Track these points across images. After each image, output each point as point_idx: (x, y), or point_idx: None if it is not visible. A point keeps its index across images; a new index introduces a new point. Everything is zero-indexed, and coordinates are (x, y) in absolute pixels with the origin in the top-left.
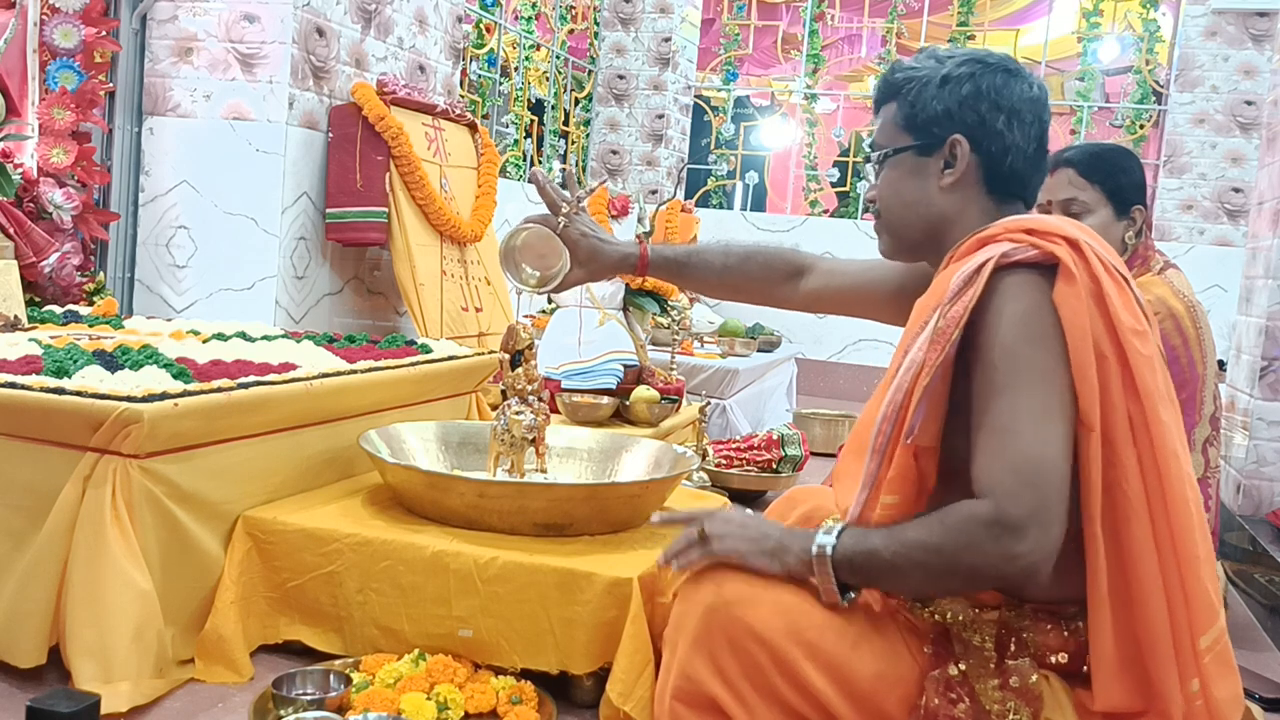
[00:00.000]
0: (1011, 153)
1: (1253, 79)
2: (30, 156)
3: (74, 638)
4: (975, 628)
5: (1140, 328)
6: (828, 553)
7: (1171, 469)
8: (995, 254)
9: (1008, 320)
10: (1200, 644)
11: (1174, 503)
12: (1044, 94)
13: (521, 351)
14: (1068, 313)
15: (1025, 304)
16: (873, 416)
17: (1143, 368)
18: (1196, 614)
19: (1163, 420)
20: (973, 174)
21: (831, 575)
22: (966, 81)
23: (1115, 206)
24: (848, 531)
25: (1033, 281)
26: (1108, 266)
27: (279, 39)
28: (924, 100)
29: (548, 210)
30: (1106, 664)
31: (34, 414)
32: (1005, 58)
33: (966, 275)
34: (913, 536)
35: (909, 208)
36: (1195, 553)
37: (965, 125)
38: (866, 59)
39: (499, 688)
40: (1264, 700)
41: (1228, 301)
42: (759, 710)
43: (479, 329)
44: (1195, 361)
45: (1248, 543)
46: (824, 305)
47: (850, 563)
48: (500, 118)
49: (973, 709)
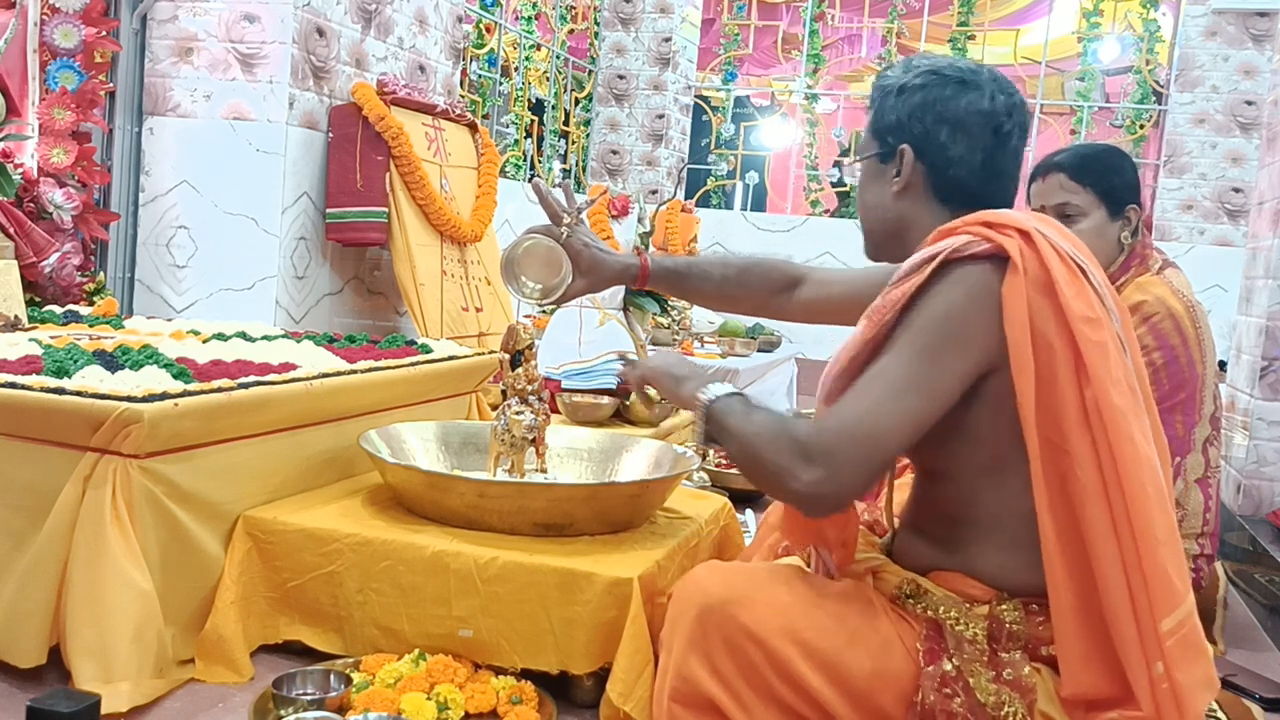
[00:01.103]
0: (955, 165)
1: (1253, 79)
2: (30, 156)
3: (74, 638)
4: (966, 622)
5: (1093, 315)
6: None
7: (1126, 452)
8: (949, 246)
9: (937, 303)
10: (1162, 626)
11: (1130, 486)
12: (1004, 105)
13: (522, 351)
14: (1011, 307)
15: (958, 291)
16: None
17: (1093, 354)
18: (1157, 597)
19: (1115, 405)
20: (920, 183)
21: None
22: (918, 92)
23: (1109, 208)
24: (736, 397)
25: (978, 273)
26: (1062, 255)
27: (279, 39)
28: (884, 109)
29: (548, 219)
30: (1071, 648)
31: (34, 414)
32: (969, 69)
33: (916, 262)
34: (758, 419)
35: (870, 210)
36: (1153, 534)
37: (912, 135)
38: (867, 59)
39: (499, 688)
40: (1264, 700)
41: (1228, 301)
42: (756, 710)
43: (479, 329)
44: (1195, 361)
45: (1248, 543)
46: (819, 316)
47: (715, 416)
48: (500, 118)
49: (968, 703)
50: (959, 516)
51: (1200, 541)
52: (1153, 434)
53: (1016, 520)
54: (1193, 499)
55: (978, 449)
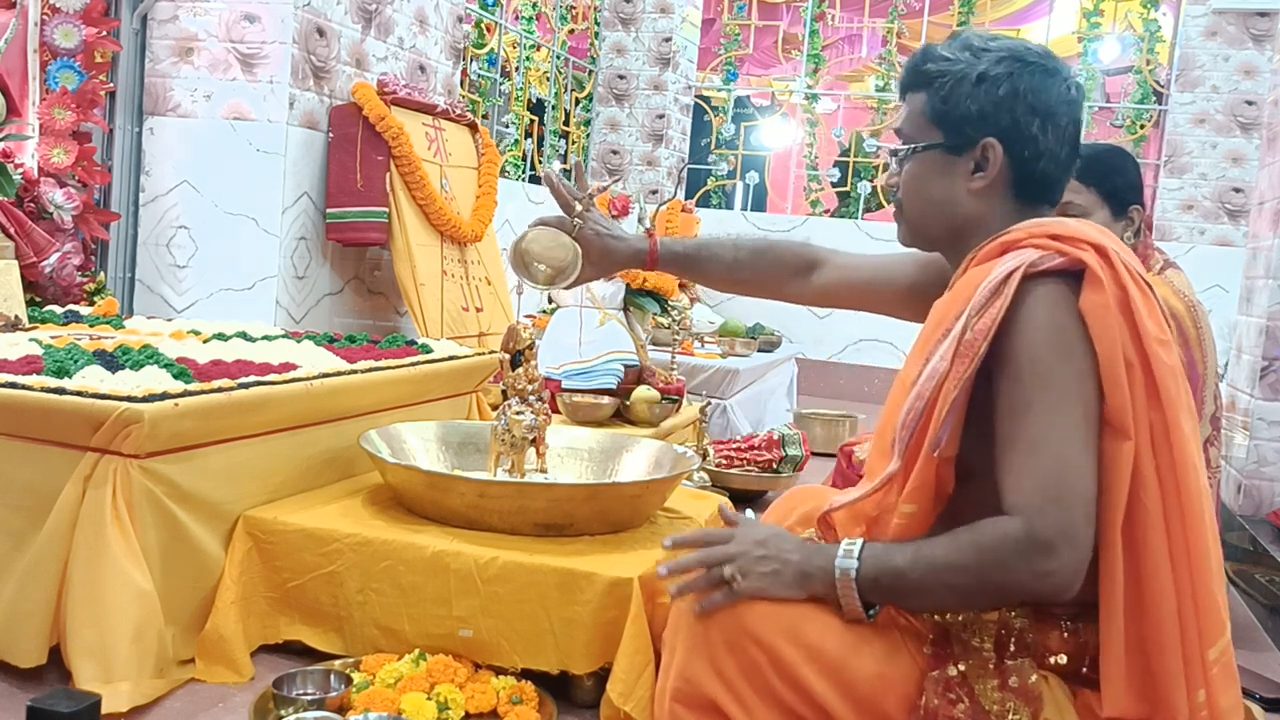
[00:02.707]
0: (1044, 157)
1: (1253, 79)
2: (31, 156)
3: (74, 637)
4: (974, 628)
5: (1165, 337)
6: (852, 576)
7: (1190, 481)
8: (1023, 262)
9: (1036, 332)
10: (1209, 655)
11: (1191, 515)
12: (1080, 94)
13: (522, 351)
14: (1096, 322)
15: (1054, 315)
16: (892, 421)
17: (1166, 377)
18: (1207, 626)
19: (1184, 431)
20: (1003, 178)
21: (856, 597)
22: (1004, 82)
23: (1112, 208)
24: (868, 551)
25: (1060, 291)
26: (1134, 275)
27: (279, 39)
28: (957, 97)
29: (560, 209)
30: (1116, 671)
31: (34, 414)
32: (1044, 53)
33: (994, 285)
34: (940, 556)
35: (934, 205)
36: (1208, 565)
37: (999, 128)
38: (867, 59)
39: (499, 688)
40: (1264, 700)
41: (1228, 301)
42: (758, 711)
43: (479, 329)
44: (1196, 361)
45: (1248, 543)
46: (836, 300)
47: (875, 583)
48: (500, 118)
49: (972, 709)
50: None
51: None
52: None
53: None
54: None
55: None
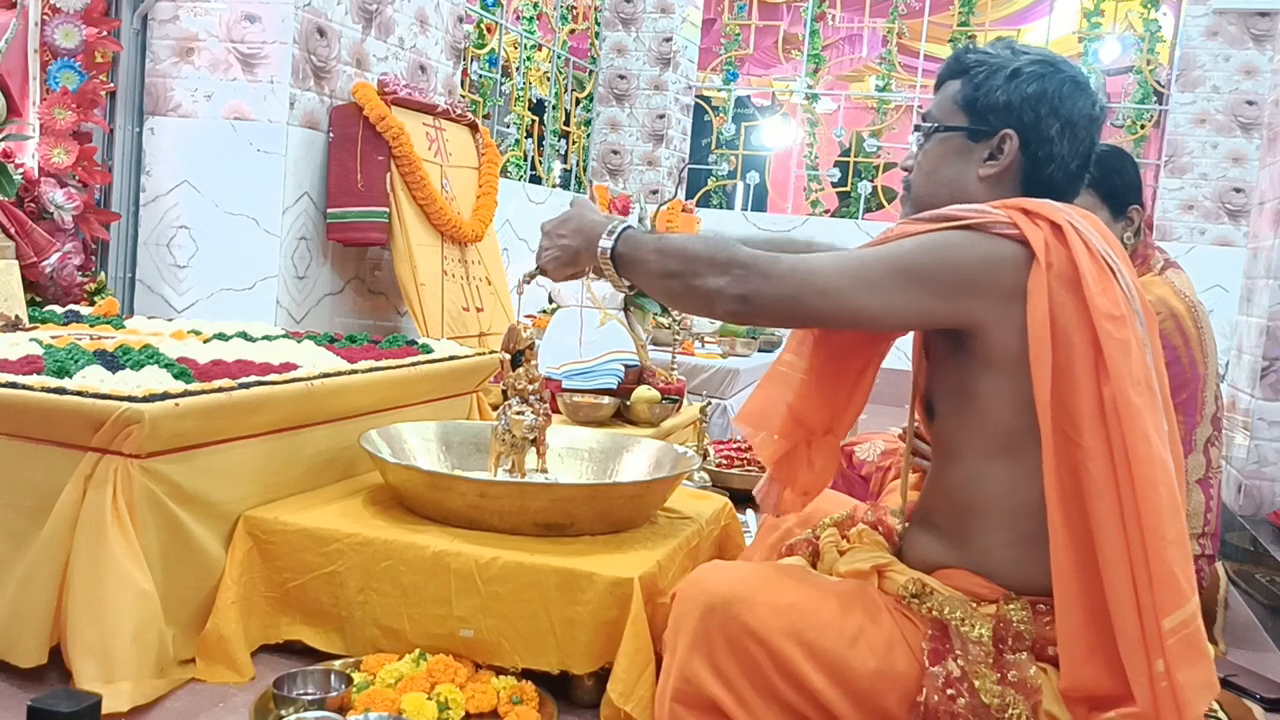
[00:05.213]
0: (1056, 162)
1: (1254, 79)
2: (31, 156)
3: (75, 637)
4: (972, 622)
5: (1118, 313)
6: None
7: (1140, 450)
8: (978, 214)
9: (943, 240)
10: (1164, 624)
11: (1141, 482)
12: (1103, 116)
13: (522, 351)
14: (1031, 298)
15: (971, 246)
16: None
17: (1115, 351)
18: (1161, 594)
19: (1133, 402)
20: (1013, 172)
21: (615, 272)
22: (1035, 80)
23: (1111, 208)
24: (627, 233)
25: (999, 246)
26: (1093, 251)
27: (280, 39)
28: (989, 87)
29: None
30: (1072, 641)
31: (35, 414)
32: (1080, 71)
33: (937, 214)
34: (678, 241)
35: (941, 186)
36: (1162, 532)
37: (1021, 123)
38: (867, 59)
39: (500, 688)
40: (1264, 700)
41: (1229, 301)
42: (759, 710)
43: (480, 329)
44: (1196, 361)
45: (1248, 543)
46: None
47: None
48: (501, 118)
49: (972, 704)
50: (969, 504)
51: (1201, 542)
52: (1170, 437)
53: (1026, 512)
54: (1194, 499)
55: (988, 423)
